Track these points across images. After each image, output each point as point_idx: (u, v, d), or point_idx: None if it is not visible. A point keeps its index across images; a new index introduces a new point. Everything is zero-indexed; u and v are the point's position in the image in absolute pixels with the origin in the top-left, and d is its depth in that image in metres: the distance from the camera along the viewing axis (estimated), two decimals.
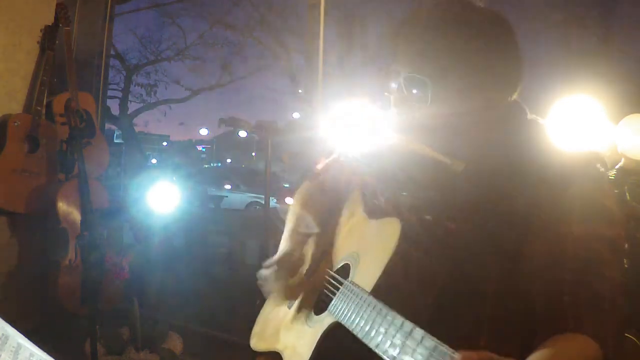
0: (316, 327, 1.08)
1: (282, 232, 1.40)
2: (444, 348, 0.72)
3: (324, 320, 1.06)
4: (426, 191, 0.97)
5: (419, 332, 0.77)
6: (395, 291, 0.80)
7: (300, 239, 1.34)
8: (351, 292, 1.00)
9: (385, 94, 1.05)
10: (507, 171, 0.96)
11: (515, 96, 1.02)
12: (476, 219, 0.96)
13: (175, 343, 3.01)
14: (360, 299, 0.95)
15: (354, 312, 0.94)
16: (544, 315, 0.87)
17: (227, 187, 12.71)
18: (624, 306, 0.88)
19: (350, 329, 0.93)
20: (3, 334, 0.80)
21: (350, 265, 1.11)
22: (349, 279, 1.06)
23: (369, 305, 0.91)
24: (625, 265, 1.41)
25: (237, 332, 3.19)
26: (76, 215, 2.79)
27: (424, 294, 0.92)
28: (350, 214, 1.28)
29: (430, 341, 0.74)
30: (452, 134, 1.00)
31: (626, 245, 0.92)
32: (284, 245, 1.34)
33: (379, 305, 0.88)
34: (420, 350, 0.75)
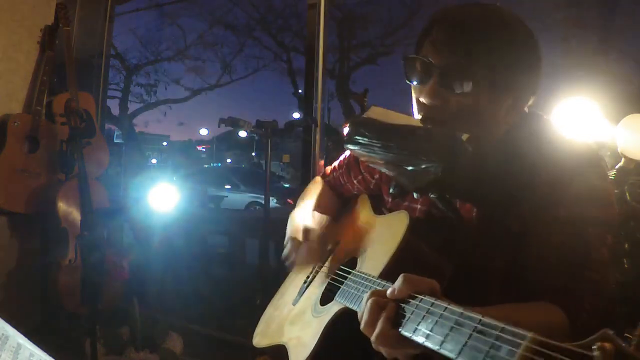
0: (322, 316, 1.08)
1: (281, 232, 1.39)
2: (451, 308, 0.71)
3: (331, 309, 1.05)
4: (431, 162, 0.96)
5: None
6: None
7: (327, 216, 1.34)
8: (359, 278, 1.00)
9: (408, 82, 1.04)
10: (509, 153, 0.99)
11: (530, 102, 1.04)
12: (480, 197, 0.99)
13: (175, 343, 3.01)
14: (368, 282, 0.95)
15: (362, 297, 0.93)
16: (533, 294, 0.91)
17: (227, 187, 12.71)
18: (608, 287, 0.92)
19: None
20: (3, 334, 0.80)
21: (358, 258, 1.11)
22: (356, 269, 1.07)
23: (377, 287, 0.91)
24: (626, 265, 1.42)
25: (237, 332, 3.19)
26: (76, 215, 2.79)
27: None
28: (356, 215, 1.28)
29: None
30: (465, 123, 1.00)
31: (627, 246, 0.93)
32: (312, 217, 1.32)
33: (387, 285, 0.86)
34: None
